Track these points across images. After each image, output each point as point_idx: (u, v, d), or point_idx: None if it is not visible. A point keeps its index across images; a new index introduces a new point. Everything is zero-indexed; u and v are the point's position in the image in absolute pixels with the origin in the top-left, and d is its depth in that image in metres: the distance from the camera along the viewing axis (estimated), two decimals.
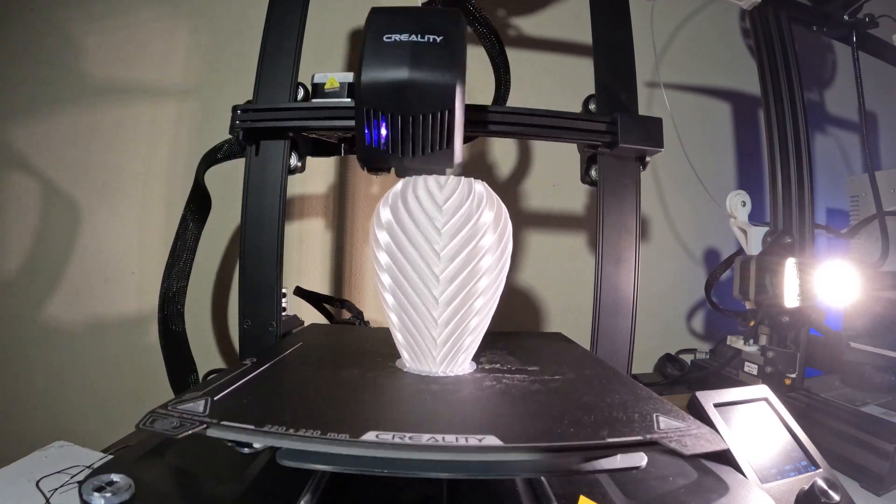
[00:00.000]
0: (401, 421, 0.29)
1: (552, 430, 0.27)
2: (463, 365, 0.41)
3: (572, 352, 0.52)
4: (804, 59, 0.74)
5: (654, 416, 0.29)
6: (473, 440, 0.24)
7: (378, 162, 0.39)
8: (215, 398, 0.29)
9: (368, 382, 0.37)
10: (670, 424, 0.27)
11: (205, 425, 0.25)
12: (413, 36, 0.35)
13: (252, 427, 0.25)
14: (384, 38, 0.36)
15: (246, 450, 0.27)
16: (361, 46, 0.36)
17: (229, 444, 0.27)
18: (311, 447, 0.24)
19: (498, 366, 0.42)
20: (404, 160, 0.37)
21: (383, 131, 0.37)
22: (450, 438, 0.25)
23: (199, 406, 0.28)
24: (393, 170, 0.42)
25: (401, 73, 0.35)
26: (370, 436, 0.25)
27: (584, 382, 0.38)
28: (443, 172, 0.40)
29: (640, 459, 0.26)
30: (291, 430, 0.25)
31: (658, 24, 0.88)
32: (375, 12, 0.37)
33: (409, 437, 0.25)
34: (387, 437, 0.25)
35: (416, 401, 0.34)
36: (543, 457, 0.25)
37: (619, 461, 0.26)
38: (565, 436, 0.26)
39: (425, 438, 0.25)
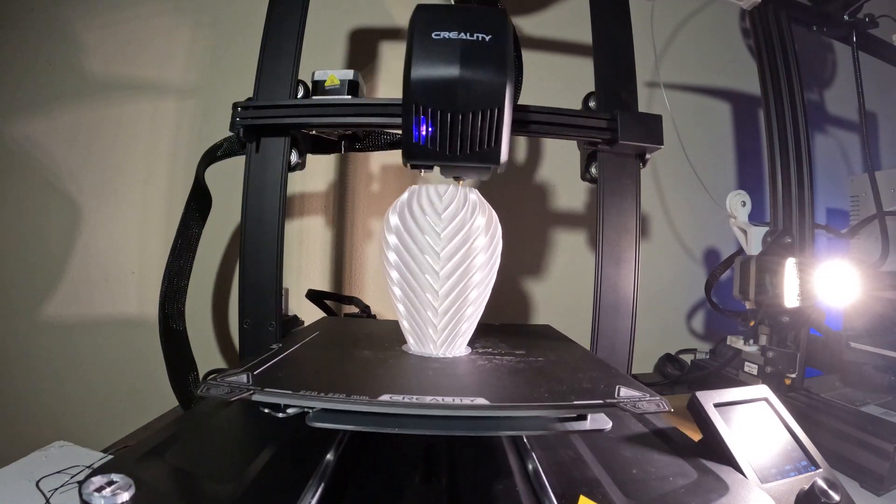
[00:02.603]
0: (409, 386, 0.34)
1: (531, 394, 0.33)
2: (460, 348, 0.46)
3: (556, 340, 0.55)
4: (804, 59, 0.74)
5: (617, 387, 0.33)
6: (467, 400, 0.30)
7: (423, 159, 0.39)
8: (255, 372, 0.34)
9: (380, 361, 0.41)
10: (629, 393, 0.32)
11: (251, 391, 0.30)
12: (462, 34, 0.35)
13: (290, 392, 0.30)
14: (433, 35, 0.35)
15: (281, 414, 0.31)
16: (409, 43, 0.36)
17: (265, 410, 0.31)
18: (338, 406, 0.29)
19: (490, 350, 0.47)
20: (451, 158, 0.38)
21: (430, 128, 0.37)
22: (448, 399, 0.30)
23: (244, 378, 0.32)
24: (436, 168, 0.42)
25: (451, 71, 0.35)
26: (385, 397, 0.30)
27: (562, 363, 0.43)
28: (488, 171, 0.41)
29: (606, 423, 0.31)
30: (322, 394, 0.29)
31: (658, 24, 0.88)
32: (421, 9, 0.37)
33: (416, 398, 0.30)
34: (398, 398, 0.30)
35: (421, 374, 0.39)
36: (523, 414, 0.30)
37: (588, 424, 0.31)
38: (541, 399, 0.32)
39: (429, 399, 0.30)
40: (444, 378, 0.37)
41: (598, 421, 0.31)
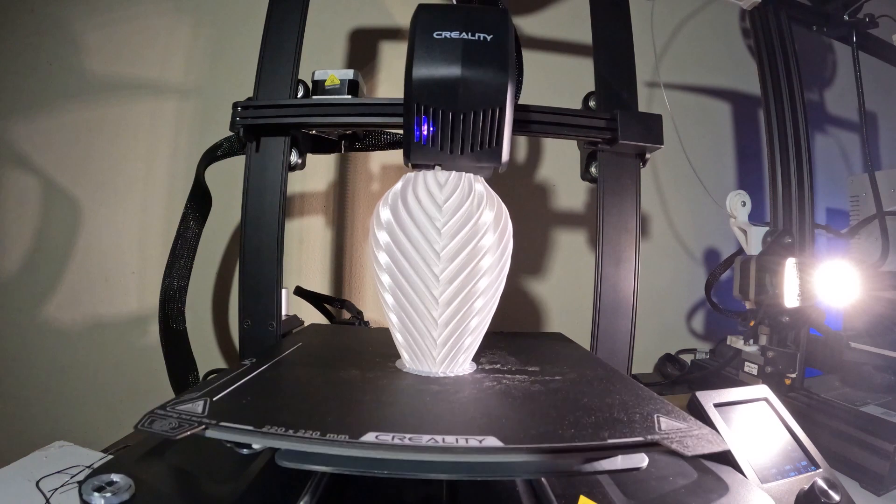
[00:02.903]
0: (400, 422, 0.29)
1: (553, 431, 0.27)
2: (463, 365, 0.41)
3: (573, 352, 0.51)
4: (804, 59, 0.74)
5: (655, 416, 0.29)
6: (474, 441, 0.24)
7: (425, 159, 0.38)
8: (214, 398, 0.29)
9: (368, 383, 0.37)
10: (671, 425, 0.27)
11: (203, 426, 0.25)
12: (464, 33, 0.35)
13: (251, 428, 0.25)
14: (434, 35, 0.35)
15: (245, 451, 0.27)
16: (410, 42, 0.36)
17: (228, 444, 0.27)
18: (310, 448, 0.24)
19: (498, 366, 0.42)
20: (452, 158, 0.37)
21: (432, 128, 0.37)
22: (450, 440, 0.25)
23: (198, 406, 0.27)
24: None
25: (453, 71, 0.35)
26: (370, 437, 0.24)
27: (584, 383, 0.38)
28: (489, 170, 0.40)
29: (641, 460, 0.26)
30: (291, 431, 0.25)
31: (658, 24, 0.88)
32: (423, 8, 0.37)
33: (409, 438, 0.25)
34: (386, 437, 0.25)
35: (415, 401, 0.34)
36: (544, 458, 0.25)
37: (619, 462, 0.26)
38: (566, 437, 0.26)
39: (425, 439, 0.25)
40: (445, 406, 0.32)
41: (632, 458, 0.26)
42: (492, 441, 0.25)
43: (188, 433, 0.25)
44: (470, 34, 0.35)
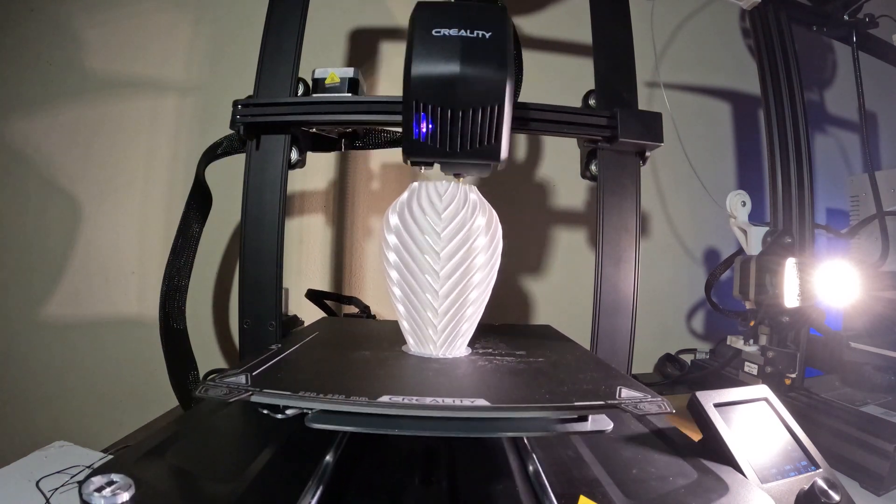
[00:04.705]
0: (409, 388, 0.34)
1: (531, 396, 0.33)
2: (460, 349, 0.46)
3: (557, 341, 0.54)
4: (804, 59, 0.74)
5: (619, 388, 0.33)
6: (467, 401, 0.30)
7: (423, 156, 0.39)
8: (254, 373, 0.34)
9: (380, 362, 0.41)
10: (630, 394, 0.32)
11: (250, 392, 0.30)
12: (462, 31, 0.35)
13: (289, 393, 0.30)
14: (433, 33, 0.35)
15: (279, 416, 0.31)
16: (409, 39, 0.36)
17: (265, 411, 0.31)
18: (337, 408, 0.29)
19: (490, 350, 0.47)
20: (451, 155, 0.38)
21: (430, 125, 0.37)
22: (448, 400, 0.30)
23: (242, 378, 0.32)
24: (436, 165, 0.42)
25: (452, 68, 0.35)
26: (384, 398, 0.29)
27: (563, 364, 0.43)
28: (488, 168, 0.41)
29: (607, 424, 0.31)
30: (321, 395, 0.29)
31: (658, 24, 0.89)
32: (421, 6, 0.37)
33: (416, 399, 0.30)
34: (397, 399, 0.30)
35: (420, 375, 0.38)
36: (523, 415, 0.30)
37: (589, 425, 0.31)
38: (541, 400, 0.32)
39: (428, 400, 0.30)
40: (444, 379, 0.37)
41: (600, 422, 0.31)
42: (481, 402, 0.30)
43: (239, 397, 0.29)
44: (468, 31, 0.35)
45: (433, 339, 0.44)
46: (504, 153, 0.38)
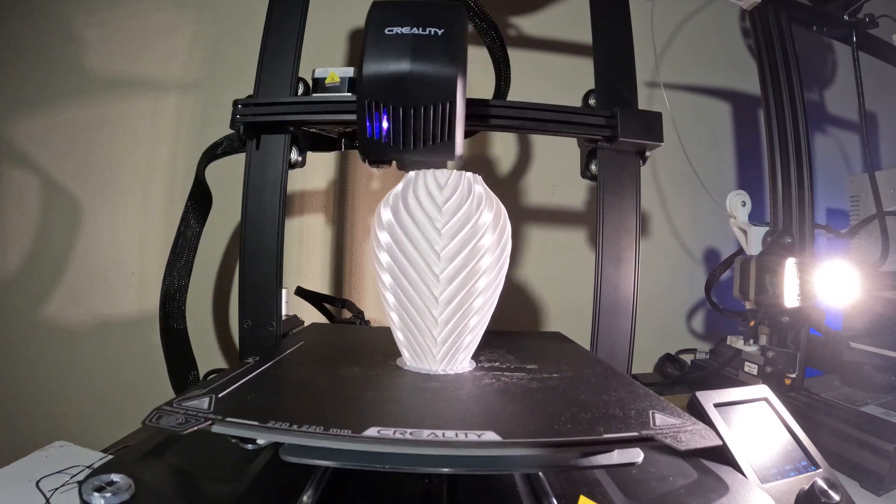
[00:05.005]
0: (402, 417, 0.29)
1: (550, 426, 0.28)
2: (463, 363, 0.41)
3: (571, 351, 0.52)
4: (804, 59, 0.74)
5: (651, 412, 0.29)
6: (473, 436, 0.25)
7: (379, 154, 0.39)
8: (219, 395, 0.30)
9: (370, 380, 0.37)
10: (666, 421, 0.28)
11: (210, 421, 0.25)
12: (414, 29, 0.35)
13: (256, 423, 0.25)
14: (385, 31, 0.36)
15: (250, 446, 0.27)
16: (363, 39, 0.36)
17: (233, 440, 0.27)
18: (314, 443, 0.24)
19: (497, 364, 0.42)
20: (405, 153, 0.37)
21: (385, 124, 0.37)
22: (450, 434, 0.25)
23: (204, 403, 0.28)
24: (394, 164, 0.42)
25: (402, 66, 0.35)
26: (372, 431, 0.25)
27: (581, 380, 0.39)
28: (444, 165, 0.40)
29: (637, 456, 0.27)
30: (295, 426, 0.25)
31: (658, 24, 0.88)
32: (376, 6, 0.37)
33: (410, 433, 0.25)
34: (388, 432, 0.25)
35: (416, 398, 0.34)
36: (541, 452, 0.25)
37: (615, 457, 0.27)
38: (562, 432, 0.27)
39: (426, 434, 0.25)
40: (445, 402, 0.33)
41: (628, 453, 0.27)
42: (490, 436, 0.25)
43: (195, 428, 0.25)
44: (421, 29, 0.36)
45: (432, 352, 0.39)
46: (459, 150, 0.38)
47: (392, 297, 0.40)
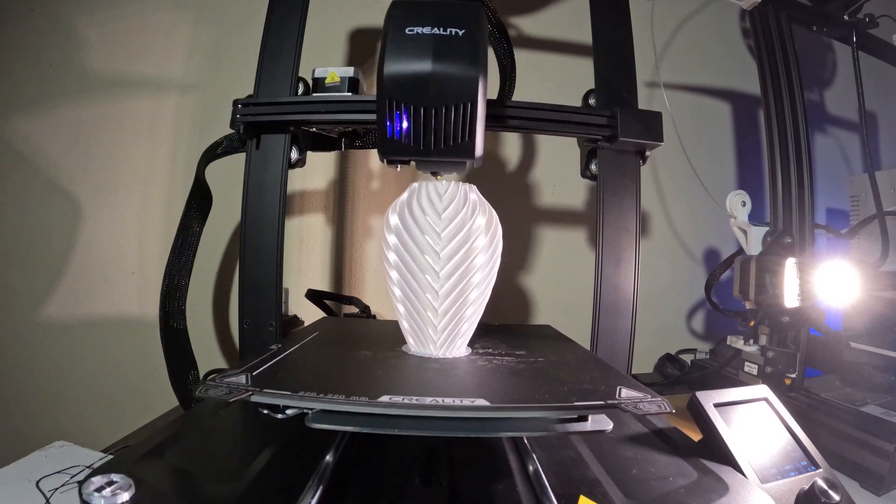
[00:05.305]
0: (409, 388, 0.34)
1: (531, 396, 0.33)
2: (460, 349, 0.46)
3: (557, 341, 0.54)
4: (804, 59, 0.74)
5: (618, 388, 0.33)
6: (467, 401, 0.30)
7: (399, 154, 0.39)
8: (254, 373, 0.34)
9: (380, 362, 0.41)
10: (630, 394, 0.32)
11: (250, 392, 0.30)
12: (435, 29, 0.36)
13: (289, 392, 0.30)
14: (406, 31, 0.36)
15: (280, 415, 0.31)
16: (383, 39, 0.36)
17: (265, 411, 0.31)
18: (337, 408, 0.29)
19: (490, 350, 0.47)
20: (425, 153, 0.38)
21: (405, 123, 0.37)
22: (448, 400, 0.30)
23: (242, 378, 0.32)
24: (412, 163, 0.42)
25: (424, 66, 0.35)
26: (384, 398, 0.29)
27: (563, 364, 0.43)
28: (463, 165, 0.41)
29: (607, 424, 0.31)
30: (321, 395, 0.29)
31: (658, 24, 0.88)
32: (396, 5, 0.37)
33: (415, 399, 0.30)
34: (397, 399, 0.30)
35: (420, 375, 0.38)
36: (524, 415, 0.30)
37: (589, 425, 0.31)
38: (541, 400, 0.32)
39: (428, 400, 0.30)
40: (444, 379, 0.37)
41: (600, 422, 0.31)
42: (481, 401, 0.30)
43: (239, 397, 0.29)
44: (442, 29, 0.36)
45: (433, 338, 0.44)
46: (479, 150, 0.38)
47: (399, 290, 0.44)
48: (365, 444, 0.37)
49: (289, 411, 0.31)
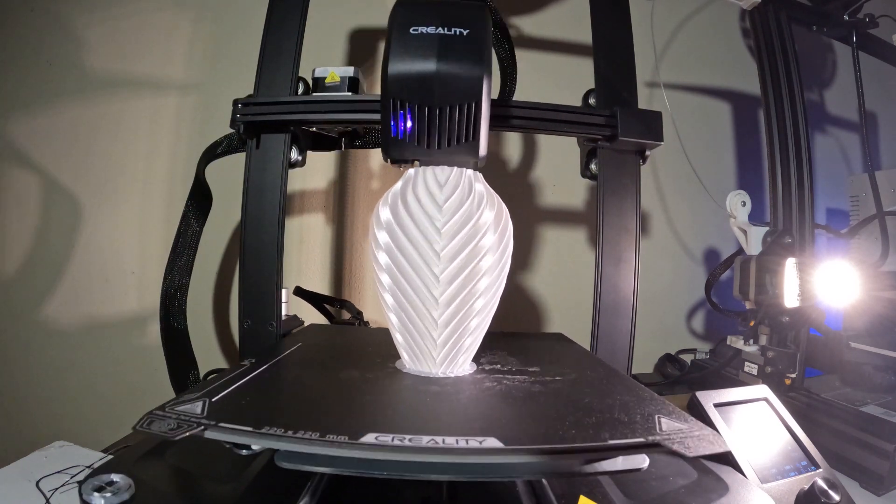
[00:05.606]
0: (400, 422, 0.29)
1: (553, 431, 0.27)
2: (463, 366, 0.41)
3: (573, 353, 0.51)
4: (804, 59, 0.74)
5: (656, 417, 0.29)
6: (474, 442, 0.24)
7: (402, 154, 0.38)
8: (213, 399, 0.29)
9: (368, 384, 0.36)
10: (672, 426, 0.27)
11: (202, 427, 0.25)
12: (440, 28, 0.35)
13: (250, 429, 0.25)
14: (410, 31, 0.35)
15: (244, 451, 0.27)
16: (388, 38, 0.36)
17: (227, 445, 0.27)
18: (309, 449, 0.24)
19: (498, 367, 0.42)
20: (429, 153, 0.37)
21: (409, 123, 0.36)
22: (450, 440, 0.24)
23: (197, 407, 0.27)
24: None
25: (428, 66, 0.35)
26: (369, 437, 0.24)
27: (585, 383, 0.38)
28: (468, 165, 0.40)
29: (642, 461, 0.26)
30: (290, 432, 0.24)
31: (658, 24, 0.88)
32: (401, 4, 0.37)
33: (409, 440, 0.24)
34: (386, 439, 0.24)
35: (415, 402, 0.34)
36: (544, 459, 0.24)
37: (620, 463, 0.26)
38: (567, 438, 0.26)
39: (425, 440, 0.24)
40: (445, 406, 0.32)
41: (633, 459, 0.26)
42: (492, 442, 0.24)
43: (186, 434, 0.24)
44: (446, 29, 0.35)
45: (431, 354, 0.39)
46: (483, 150, 0.38)
47: (391, 298, 0.39)
48: (349, 483, 0.32)
49: (254, 447, 0.26)
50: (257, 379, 0.35)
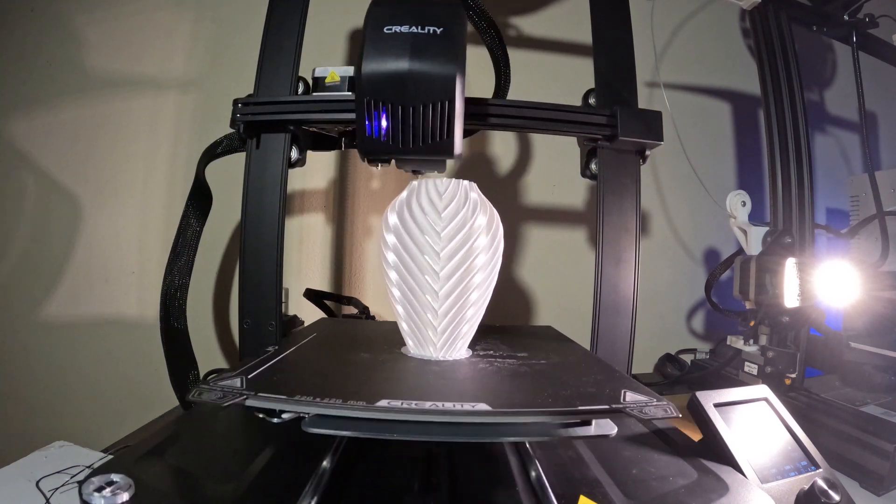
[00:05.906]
0: (407, 392, 0.33)
1: (534, 400, 0.32)
2: (460, 351, 0.45)
3: (559, 342, 0.54)
4: (804, 59, 0.74)
5: (623, 391, 0.33)
6: (468, 406, 0.29)
7: (378, 153, 0.39)
8: (249, 376, 0.33)
9: (378, 364, 0.41)
10: (635, 398, 0.32)
11: (244, 396, 0.29)
12: (413, 27, 0.36)
13: (284, 397, 0.29)
14: (384, 30, 0.36)
15: (275, 420, 0.30)
16: (362, 38, 0.36)
17: (260, 415, 0.30)
18: (334, 412, 0.28)
19: (491, 352, 0.46)
20: (404, 151, 0.38)
21: (383, 122, 0.37)
22: (448, 404, 0.29)
23: (237, 382, 0.31)
24: (393, 162, 0.43)
25: (401, 65, 0.35)
26: (382, 402, 0.29)
27: (566, 366, 0.42)
28: (443, 164, 0.41)
29: (611, 429, 0.31)
30: (317, 399, 0.29)
31: (658, 24, 0.88)
32: (375, 4, 0.37)
33: (415, 404, 0.29)
34: (396, 403, 0.29)
35: (420, 378, 0.38)
36: (526, 420, 0.30)
37: (592, 429, 0.30)
38: (544, 405, 0.31)
39: (428, 404, 0.29)
40: (444, 382, 0.36)
41: (604, 426, 0.31)
42: (482, 406, 0.29)
43: (233, 402, 0.29)
44: (420, 28, 0.36)
45: (433, 340, 0.43)
46: (458, 148, 0.38)
47: (398, 291, 0.44)
48: (363, 449, 0.37)
49: (284, 415, 0.30)
50: (283, 361, 0.40)
